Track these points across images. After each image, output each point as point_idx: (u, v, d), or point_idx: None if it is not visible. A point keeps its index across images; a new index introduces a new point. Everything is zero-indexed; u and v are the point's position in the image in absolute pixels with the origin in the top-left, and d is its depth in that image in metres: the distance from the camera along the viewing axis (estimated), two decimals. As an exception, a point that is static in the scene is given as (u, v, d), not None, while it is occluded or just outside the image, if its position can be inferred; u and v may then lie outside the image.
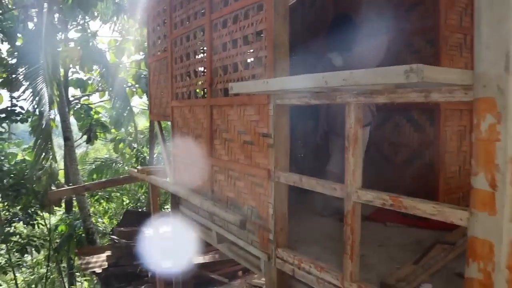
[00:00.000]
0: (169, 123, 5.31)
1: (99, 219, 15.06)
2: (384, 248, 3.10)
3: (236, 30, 3.39)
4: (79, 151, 17.21)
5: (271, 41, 2.93)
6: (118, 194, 15.61)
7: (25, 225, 11.46)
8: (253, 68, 3.21)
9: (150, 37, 5.37)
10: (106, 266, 6.63)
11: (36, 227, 11.32)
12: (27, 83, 9.78)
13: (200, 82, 4.21)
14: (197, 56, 4.19)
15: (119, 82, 13.51)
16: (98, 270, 6.65)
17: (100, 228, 13.14)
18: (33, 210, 10.73)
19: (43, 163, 8.37)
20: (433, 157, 4.15)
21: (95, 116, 15.93)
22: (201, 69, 4.12)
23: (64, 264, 13.36)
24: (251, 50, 3.21)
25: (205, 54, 4.00)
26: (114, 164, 15.30)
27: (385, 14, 4.47)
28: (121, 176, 11.34)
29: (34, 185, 9.38)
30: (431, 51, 4.02)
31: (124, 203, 16.40)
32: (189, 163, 4.35)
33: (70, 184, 10.56)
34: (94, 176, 14.70)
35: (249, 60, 3.37)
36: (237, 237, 3.51)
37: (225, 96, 3.64)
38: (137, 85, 15.36)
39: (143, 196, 13.76)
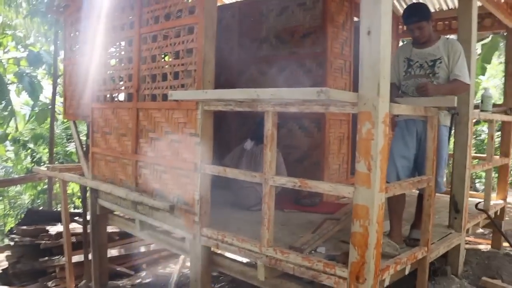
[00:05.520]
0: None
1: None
2: (286, 226, 3.92)
3: (166, 46, 3.98)
4: None
5: (201, 59, 3.58)
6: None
7: None
8: (182, 79, 3.83)
9: (67, 41, 5.64)
10: (6, 266, 6.60)
11: None
12: None
13: (123, 87, 4.67)
14: (122, 64, 4.64)
15: (0, 79, 12.82)
16: (-3, 271, 6.59)
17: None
18: None
19: None
20: (319, 157, 5.15)
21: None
22: (126, 75, 4.56)
23: None
24: (181, 64, 3.83)
25: (130, 64, 4.47)
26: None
27: (283, 38, 5.38)
28: (16, 176, 10.87)
29: None
30: (320, 72, 5.01)
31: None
32: (111, 159, 4.78)
33: None
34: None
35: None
36: (162, 223, 4.06)
37: (152, 100, 4.19)
38: (19, 85, 14.53)
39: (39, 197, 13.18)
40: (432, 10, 5.94)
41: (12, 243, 6.79)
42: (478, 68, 9.97)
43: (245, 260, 3.73)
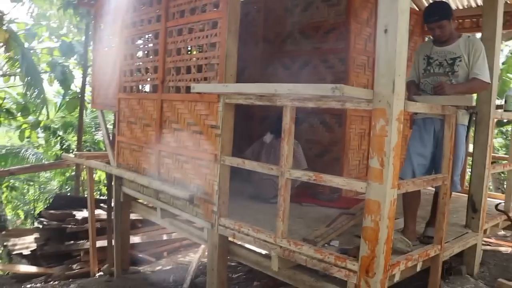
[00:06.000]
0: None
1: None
2: (302, 219, 3.98)
3: (191, 39, 4.08)
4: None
5: (223, 52, 3.67)
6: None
7: None
8: (205, 72, 3.92)
9: (96, 33, 5.82)
10: (34, 248, 6.89)
11: None
12: None
13: (148, 79, 4.81)
14: (148, 56, 4.78)
15: (34, 68, 13.20)
16: (26, 252, 6.88)
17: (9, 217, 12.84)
18: None
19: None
20: (339, 152, 5.18)
21: (-2, 101, 15.30)
22: (152, 67, 4.70)
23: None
24: (205, 57, 3.92)
25: (156, 56, 4.60)
26: (23, 151, 14.81)
27: (307, 33, 5.41)
28: (46, 162, 11.25)
29: None
30: (342, 68, 5.03)
31: (29, 192, 15.94)
32: (136, 148, 4.93)
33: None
34: (-3, 164, 14.18)
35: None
36: (182, 211, 4.19)
37: (176, 92, 4.31)
38: (52, 74, 14.91)
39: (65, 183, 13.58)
40: (460, 7, 5.87)
41: (40, 226, 7.08)
42: (512, 66, 9.75)
43: (263, 251, 3.80)
